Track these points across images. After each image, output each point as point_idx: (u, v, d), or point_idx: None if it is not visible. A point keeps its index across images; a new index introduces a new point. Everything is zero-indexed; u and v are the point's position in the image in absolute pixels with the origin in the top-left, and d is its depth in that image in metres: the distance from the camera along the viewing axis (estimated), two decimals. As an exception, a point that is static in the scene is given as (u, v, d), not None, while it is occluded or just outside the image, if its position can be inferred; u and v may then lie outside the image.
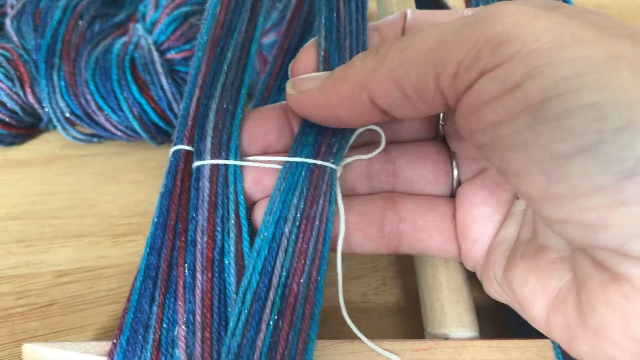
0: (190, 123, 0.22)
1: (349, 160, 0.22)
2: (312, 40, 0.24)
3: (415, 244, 0.22)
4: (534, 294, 0.17)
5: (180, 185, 0.21)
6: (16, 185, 0.31)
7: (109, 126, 0.31)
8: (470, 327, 0.21)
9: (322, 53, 0.23)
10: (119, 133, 0.31)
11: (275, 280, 0.19)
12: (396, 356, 0.19)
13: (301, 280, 0.19)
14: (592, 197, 0.13)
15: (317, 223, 0.20)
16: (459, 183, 0.22)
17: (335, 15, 0.24)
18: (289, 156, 0.21)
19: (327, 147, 0.21)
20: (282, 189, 0.20)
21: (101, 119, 0.30)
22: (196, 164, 0.21)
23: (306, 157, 0.21)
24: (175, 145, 0.22)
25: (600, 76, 0.13)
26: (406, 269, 0.28)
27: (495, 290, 0.20)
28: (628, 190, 0.13)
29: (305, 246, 0.19)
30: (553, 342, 0.20)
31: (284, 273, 0.19)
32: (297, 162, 0.21)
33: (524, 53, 0.14)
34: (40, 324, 0.25)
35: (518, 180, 0.15)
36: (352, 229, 0.21)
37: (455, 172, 0.22)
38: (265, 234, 0.19)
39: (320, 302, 0.19)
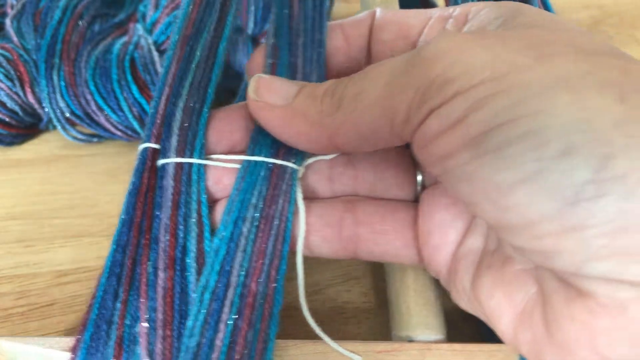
0: (158, 121, 0.22)
1: (311, 160, 0.22)
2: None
3: (372, 248, 0.21)
4: (500, 308, 0.17)
5: (146, 183, 0.21)
6: (16, 185, 0.31)
7: (109, 126, 0.31)
8: (436, 330, 0.21)
9: (270, 50, 0.23)
10: (119, 133, 0.31)
11: (233, 280, 0.19)
12: (358, 357, 0.19)
13: (260, 279, 0.19)
14: (541, 225, 0.13)
15: (276, 223, 0.20)
16: (424, 187, 0.22)
17: (287, 11, 0.24)
18: (247, 155, 0.21)
19: (287, 147, 0.21)
20: (240, 188, 0.20)
21: (101, 119, 0.30)
22: (161, 161, 0.21)
23: (265, 157, 0.21)
24: (143, 143, 0.22)
25: (538, 102, 0.13)
26: (406, 268, 0.28)
27: (464, 303, 0.19)
28: (575, 216, 0.13)
29: (264, 246, 0.19)
30: None
31: (242, 273, 0.19)
32: (255, 162, 0.21)
33: (464, 90, 0.14)
34: (40, 324, 0.25)
35: (473, 208, 0.15)
36: (310, 231, 0.21)
37: (419, 177, 0.22)
38: (224, 234, 0.19)
39: (280, 301, 0.19)
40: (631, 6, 0.44)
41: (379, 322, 0.26)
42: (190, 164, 0.21)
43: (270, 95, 0.20)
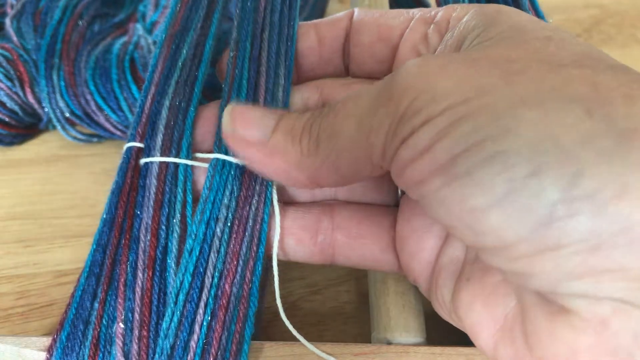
0: (144, 120, 0.22)
1: None
2: None
3: (349, 253, 0.21)
4: (480, 322, 0.17)
5: (130, 182, 0.21)
6: (16, 185, 0.31)
7: (108, 126, 0.31)
8: (415, 333, 0.21)
9: (233, 43, 0.23)
10: (118, 133, 0.31)
11: (207, 282, 0.18)
12: (334, 359, 0.19)
13: (234, 281, 0.19)
14: (515, 248, 0.13)
15: (250, 224, 0.20)
16: (404, 192, 0.21)
17: (250, 4, 0.24)
18: (213, 152, 0.21)
19: None
20: (210, 187, 0.20)
21: (101, 119, 0.30)
22: (144, 160, 0.21)
23: (232, 154, 0.20)
24: (128, 142, 0.22)
25: (502, 124, 0.13)
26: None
27: (445, 315, 0.19)
28: (549, 237, 0.12)
29: (238, 247, 0.19)
30: None
31: (216, 274, 0.19)
32: (223, 160, 0.20)
33: (430, 118, 0.14)
34: (40, 324, 0.25)
35: (451, 231, 0.15)
36: (285, 234, 0.21)
37: None
38: (196, 234, 0.19)
39: (255, 303, 0.19)
40: (632, 6, 0.44)
41: (379, 322, 0.26)
42: (176, 164, 0.21)
43: (246, 129, 0.19)
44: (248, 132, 0.19)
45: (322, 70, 0.24)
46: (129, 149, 0.22)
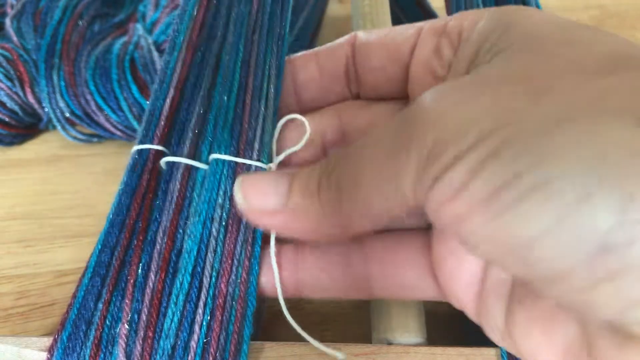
0: (163, 123, 0.22)
1: (281, 157, 0.22)
2: None
3: (384, 283, 0.20)
4: (538, 349, 0.15)
5: (145, 185, 0.21)
6: (16, 185, 0.31)
7: (108, 126, 0.30)
8: (416, 333, 0.21)
9: (227, 47, 0.23)
10: (119, 133, 0.31)
11: (206, 281, 0.19)
12: (341, 353, 0.18)
13: (229, 281, 0.19)
14: (573, 277, 0.12)
15: (244, 223, 0.20)
16: None
17: (243, 8, 0.24)
18: (211, 153, 0.21)
19: (246, 143, 0.21)
20: (205, 186, 0.20)
21: (101, 119, 0.30)
22: (166, 160, 0.21)
23: (224, 154, 0.21)
24: (142, 143, 0.22)
25: (539, 150, 0.12)
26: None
27: (499, 340, 0.17)
28: (606, 265, 0.11)
29: (233, 247, 0.19)
30: (501, 351, 0.19)
31: (214, 274, 0.19)
32: (216, 159, 0.21)
33: (462, 154, 0.13)
34: (40, 324, 0.25)
35: (499, 265, 0.14)
36: (315, 271, 0.20)
37: None
38: (194, 234, 0.19)
39: (253, 303, 0.19)
40: (631, 6, 0.44)
41: (379, 322, 0.26)
42: (197, 169, 0.21)
43: (260, 199, 0.18)
44: (263, 202, 0.18)
45: (323, 100, 0.24)
46: (145, 150, 0.22)
